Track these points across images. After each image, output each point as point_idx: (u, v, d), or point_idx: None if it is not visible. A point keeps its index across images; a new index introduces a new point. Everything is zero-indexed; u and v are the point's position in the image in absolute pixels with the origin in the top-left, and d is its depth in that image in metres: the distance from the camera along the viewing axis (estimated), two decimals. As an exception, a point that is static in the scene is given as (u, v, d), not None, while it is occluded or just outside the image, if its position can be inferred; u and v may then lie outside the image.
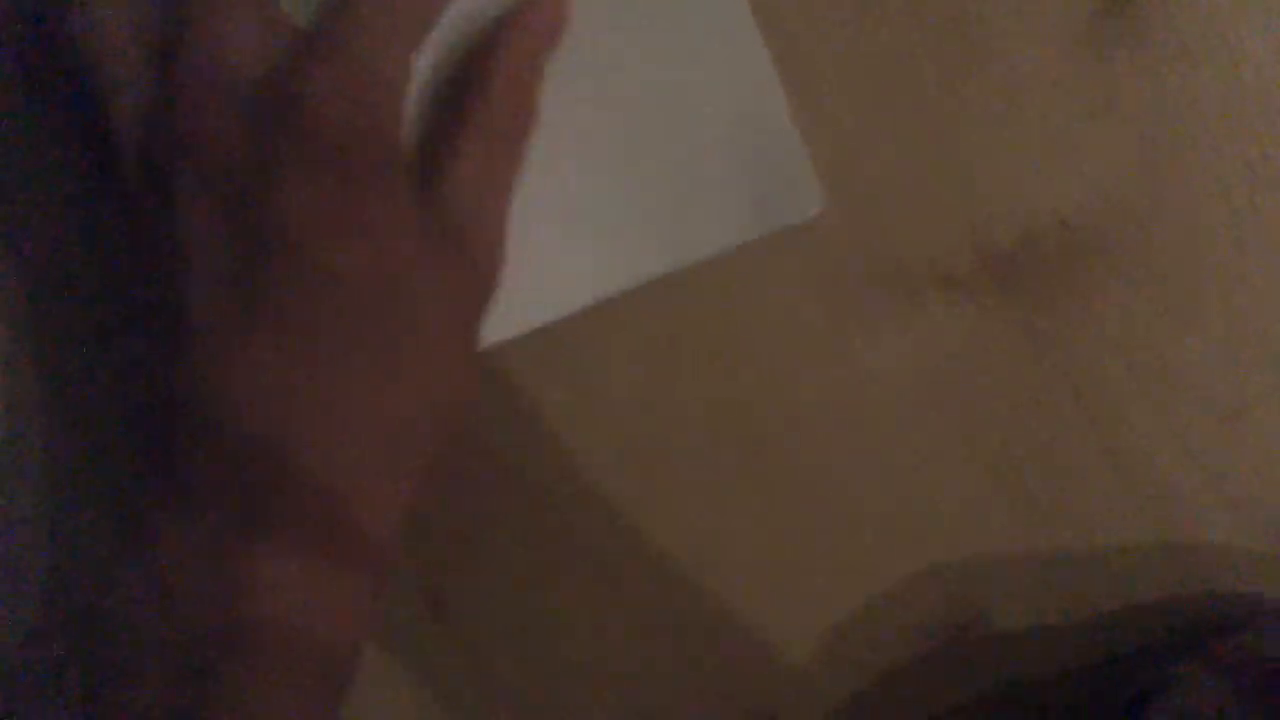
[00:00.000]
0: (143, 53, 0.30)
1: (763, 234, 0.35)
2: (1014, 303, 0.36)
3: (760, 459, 0.37)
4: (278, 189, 0.29)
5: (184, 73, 0.30)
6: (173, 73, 0.30)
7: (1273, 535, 0.38)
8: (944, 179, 0.36)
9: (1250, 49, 0.35)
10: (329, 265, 0.30)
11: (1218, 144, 0.35)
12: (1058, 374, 0.37)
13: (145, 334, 0.32)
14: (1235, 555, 0.38)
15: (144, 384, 0.32)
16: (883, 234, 0.36)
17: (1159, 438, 0.37)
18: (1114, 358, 0.36)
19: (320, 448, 0.30)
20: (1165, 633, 0.38)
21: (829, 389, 0.37)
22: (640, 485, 0.37)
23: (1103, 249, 0.36)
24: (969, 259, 0.36)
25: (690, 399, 0.37)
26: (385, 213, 0.31)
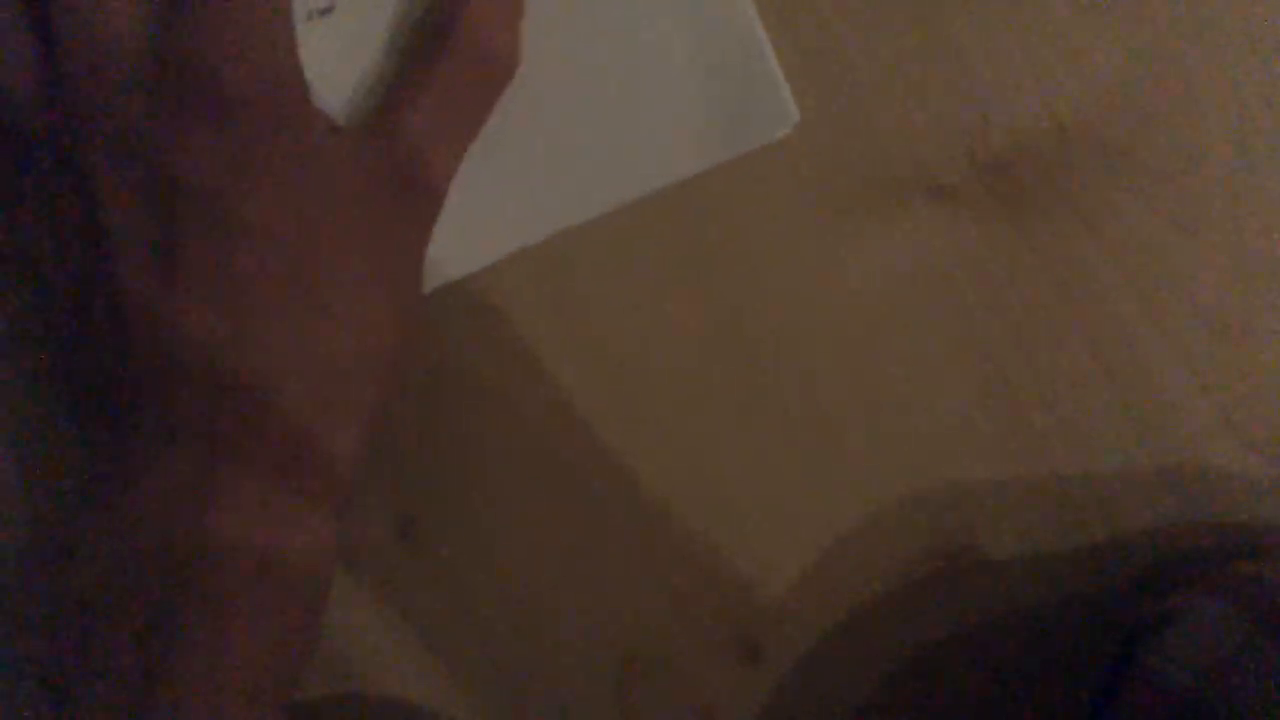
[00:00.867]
0: (19, 32, 0.31)
1: (734, 154, 0.34)
2: (1008, 211, 0.35)
3: (746, 378, 0.36)
4: (182, 150, 0.30)
5: (70, 49, 0.30)
6: (59, 51, 0.30)
7: (1278, 460, 0.36)
8: (934, 79, 0.34)
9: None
10: (243, 217, 0.30)
11: (1227, 38, 0.34)
12: (1053, 286, 0.35)
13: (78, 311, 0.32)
14: (1238, 480, 0.36)
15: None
16: (869, 139, 0.34)
17: (1159, 355, 0.35)
18: (1112, 269, 0.35)
19: (265, 389, 0.31)
20: (1164, 562, 0.36)
21: (816, 303, 0.35)
22: (621, 407, 0.36)
23: (1101, 153, 0.34)
24: (961, 165, 0.34)
25: (674, 316, 0.36)
26: (293, 160, 0.31)
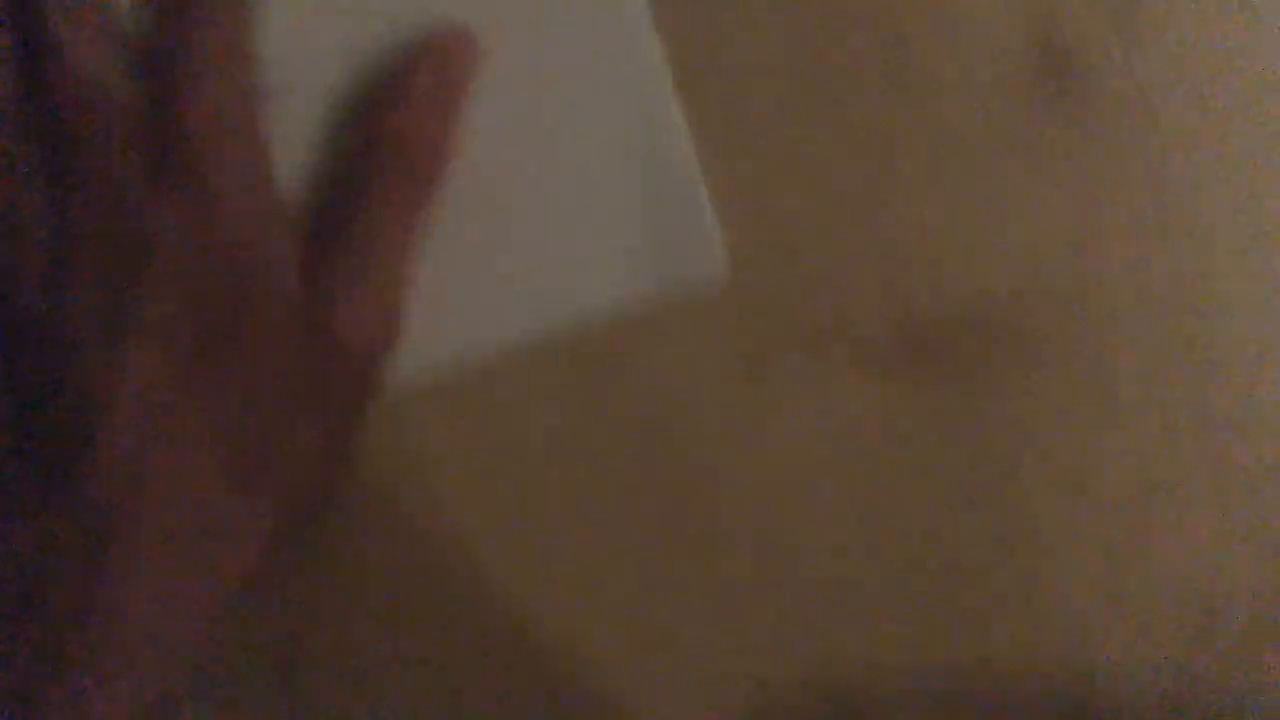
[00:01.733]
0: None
1: (654, 291, 0.34)
2: (928, 382, 0.35)
3: (652, 535, 0.35)
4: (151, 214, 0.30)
5: (60, 88, 0.30)
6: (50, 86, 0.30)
7: (1166, 675, 0.36)
8: (864, 244, 0.35)
9: (1183, 126, 0.35)
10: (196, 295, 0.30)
11: (1144, 227, 0.35)
12: (967, 463, 0.35)
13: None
14: (1129, 688, 0.35)
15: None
16: (796, 298, 0.34)
17: (1064, 545, 0.35)
18: (1027, 450, 0.35)
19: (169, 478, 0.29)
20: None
21: (735, 457, 0.35)
22: (522, 555, 0.35)
23: (1023, 330, 0.35)
24: (886, 331, 0.34)
25: (583, 464, 0.35)
26: (267, 278, 0.30)
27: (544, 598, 0.34)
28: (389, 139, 0.32)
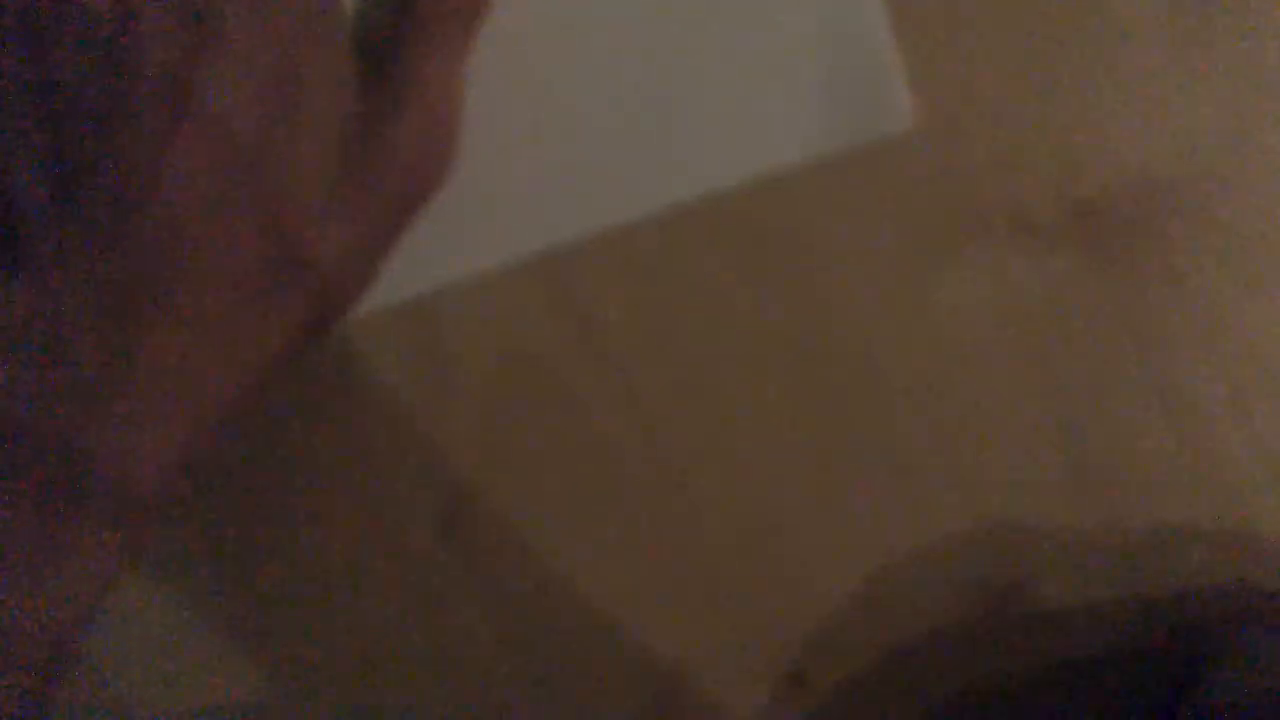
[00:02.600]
0: None
1: (843, 147, 0.34)
2: (1092, 256, 0.35)
3: (812, 398, 0.36)
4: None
5: None
6: None
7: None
8: (1036, 120, 0.35)
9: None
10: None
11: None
12: (1128, 334, 0.35)
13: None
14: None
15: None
16: (967, 170, 0.35)
17: (1224, 413, 0.35)
18: (1187, 323, 0.35)
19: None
20: (1218, 615, 0.36)
21: (893, 324, 0.35)
22: (684, 419, 0.36)
23: (1185, 209, 0.35)
24: (1051, 205, 0.35)
25: (745, 330, 0.35)
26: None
27: (701, 468, 0.36)
28: None
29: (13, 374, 0.29)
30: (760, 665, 0.36)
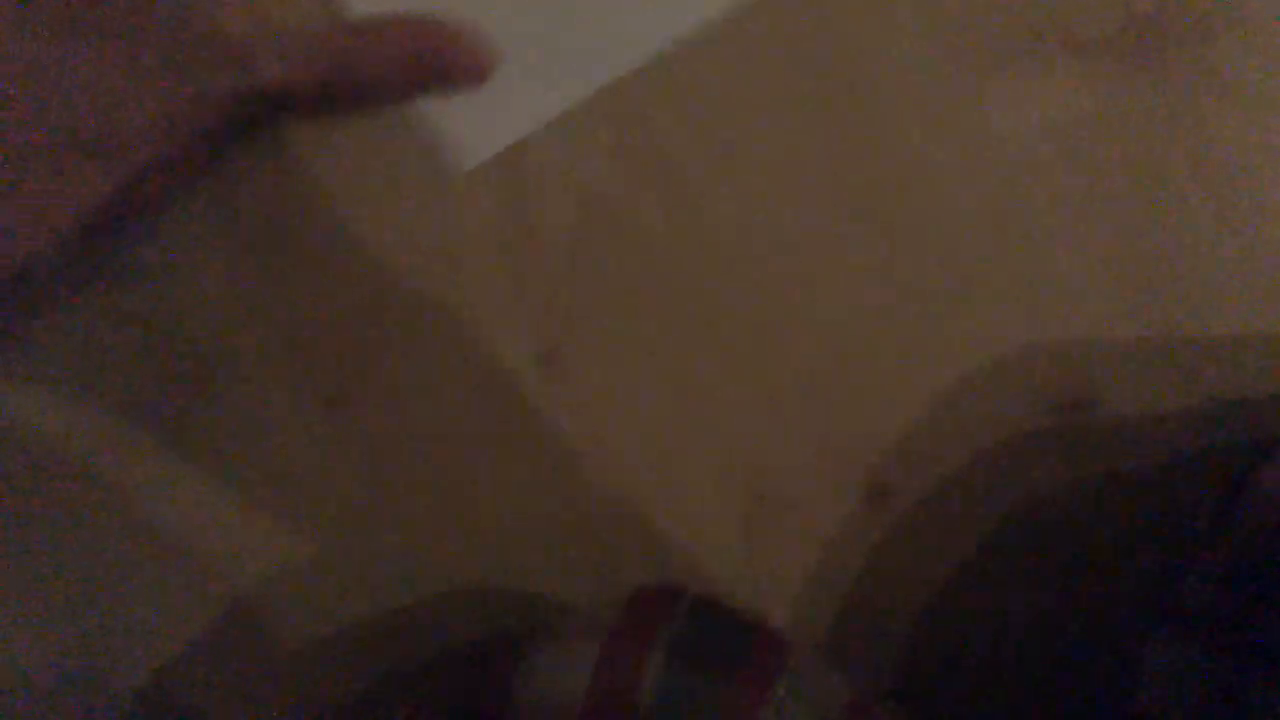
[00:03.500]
0: None
1: None
2: (1147, 70, 0.36)
3: (877, 219, 0.37)
4: None
5: None
6: None
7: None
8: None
9: None
10: None
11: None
12: (1179, 144, 0.37)
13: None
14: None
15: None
16: None
17: (1278, 217, 0.37)
18: (1245, 135, 0.36)
19: None
20: (1274, 424, 0.38)
21: (951, 144, 0.37)
22: (761, 247, 0.37)
23: (1240, 19, 0.36)
24: (1106, 20, 0.36)
25: (809, 147, 0.37)
26: None
27: (779, 295, 0.38)
28: None
29: None
30: (845, 479, 0.38)
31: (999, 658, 0.38)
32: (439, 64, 0.35)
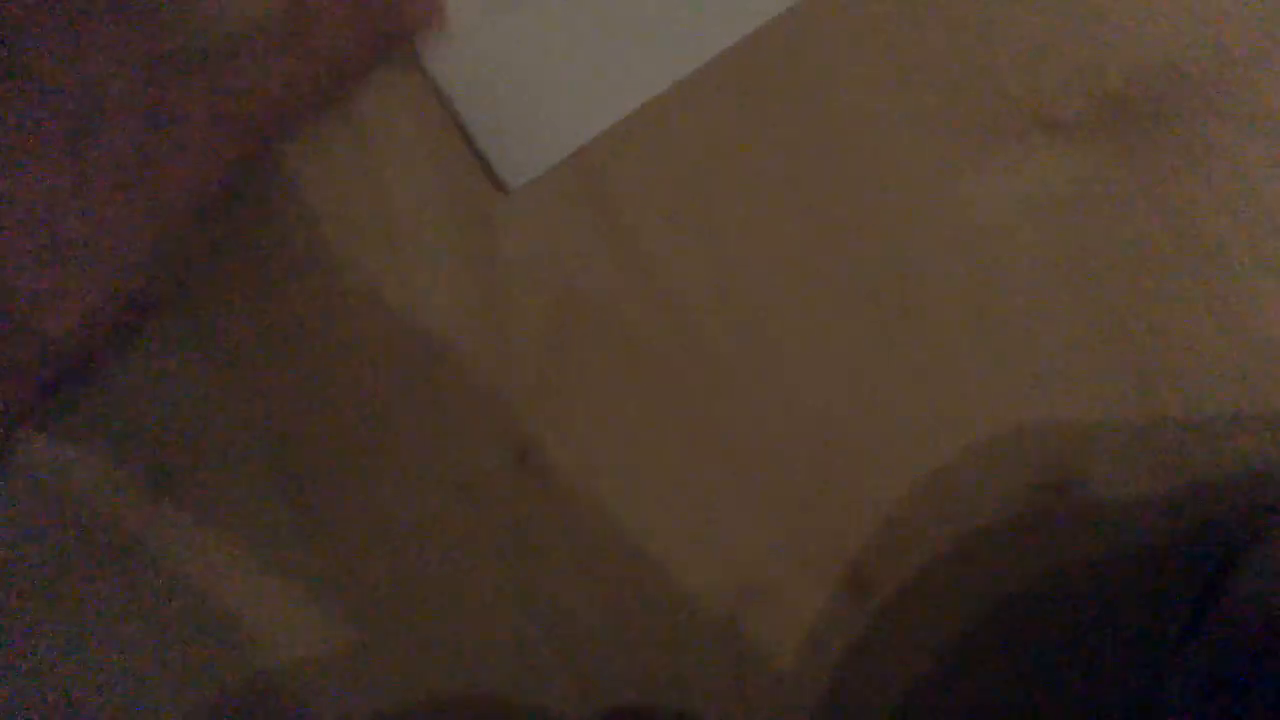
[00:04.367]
0: None
1: None
2: (1121, 147, 0.36)
3: (856, 299, 0.37)
4: None
5: None
6: None
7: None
8: (1056, 15, 0.36)
9: None
10: None
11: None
12: (1163, 223, 0.36)
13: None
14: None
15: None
16: (991, 70, 0.36)
17: (1265, 295, 0.36)
18: (1220, 208, 0.36)
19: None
20: (1264, 503, 0.37)
21: (932, 226, 0.36)
22: (736, 330, 0.37)
23: (1211, 95, 0.36)
24: (1078, 100, 0.36)
25: (787, 232, 0.37)
26: None
27: (757, 381, 0.37)
28: None
29: None
30: (825, 570, 0.37)
31: (987, 750, 0.38)
32: (387, 17, 0.34)
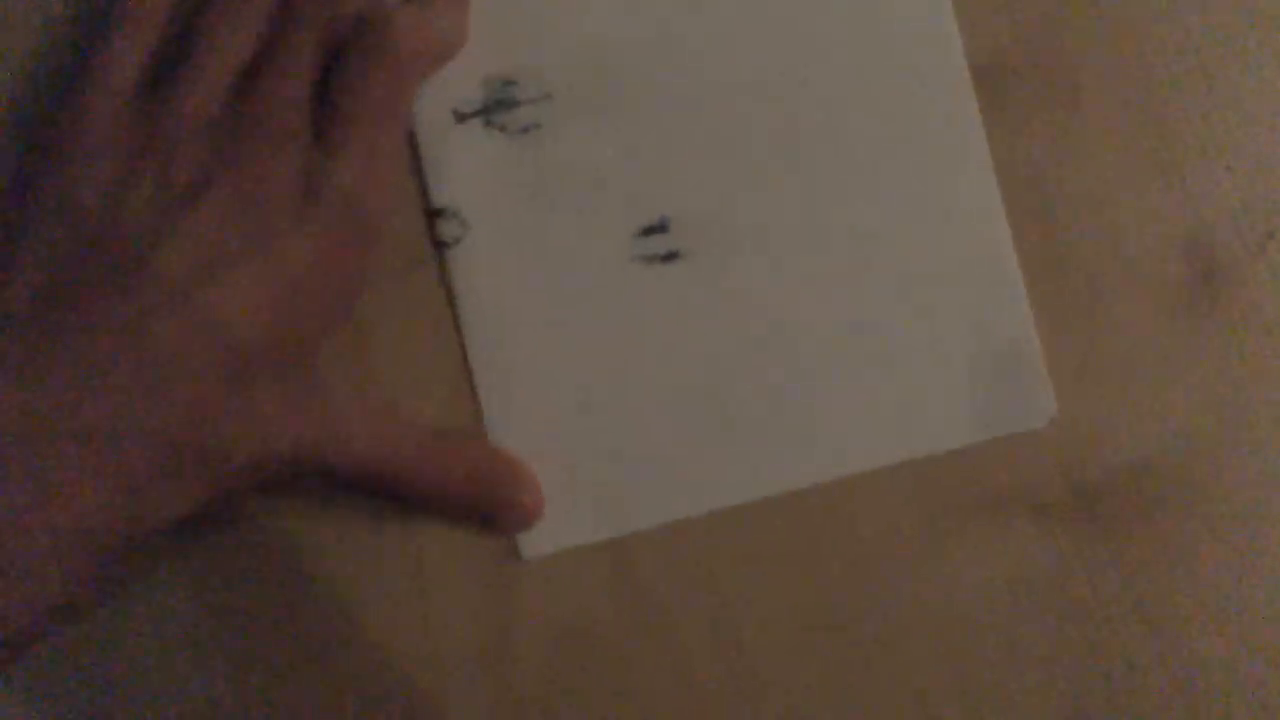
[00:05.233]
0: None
1: (988, 436, 0.37)
2: (1095, 534, 0.38)
3: (846, 670, 0.38)
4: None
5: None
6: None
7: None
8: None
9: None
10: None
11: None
12: (1135, 610, 0.38)
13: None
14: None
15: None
16: (978, 452, 0.38)
17: (1232, 686, 0.38)
18: (1189, 594, 0.38)
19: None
20: None
21: (914, 597, 0.38)
22: (736, 677, 0.38)
23: (1182, 491, 0.38)
24: (1059, 487, 0.38)
25: (780, 599, 0.38)
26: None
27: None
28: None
29: None
30: None
31: None
32: (493, 501, 0.36)
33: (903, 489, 0.38)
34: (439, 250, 0.38)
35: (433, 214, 0.37)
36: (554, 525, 0.37)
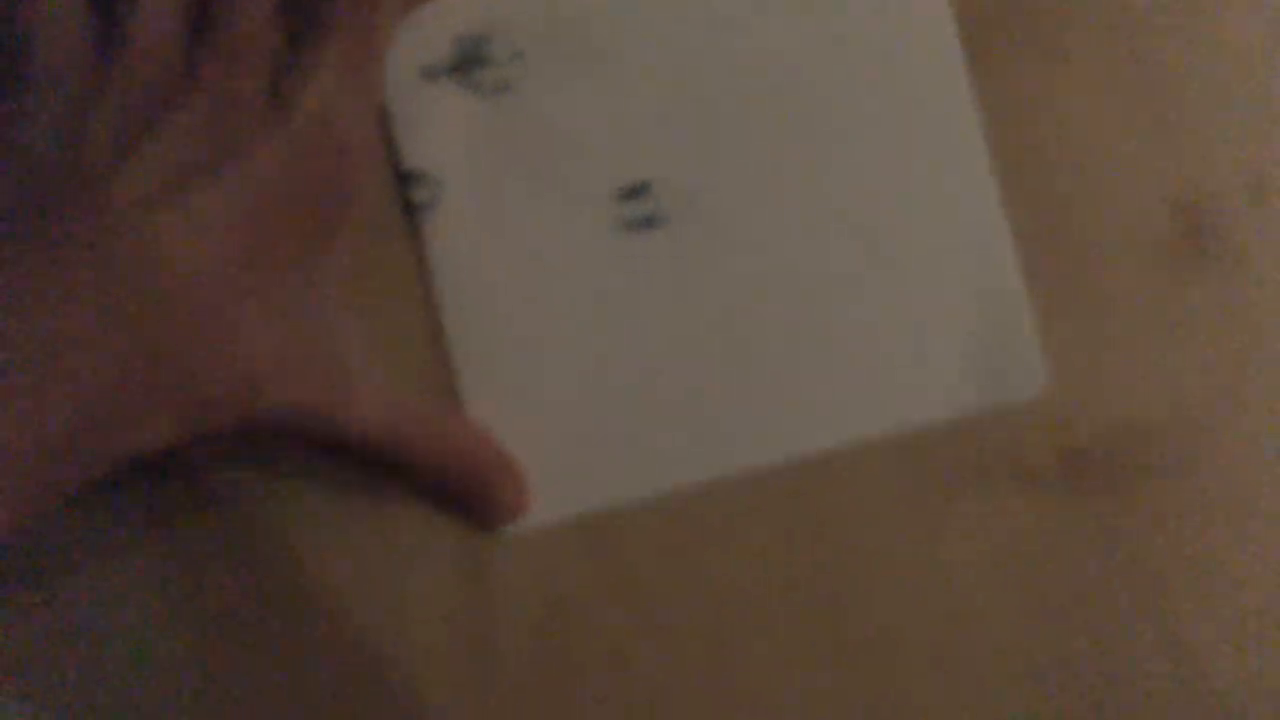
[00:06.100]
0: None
1: (978, 409, 0.36)
2: (1083, 500, 0.37)
3: (833, 652, 0.37)
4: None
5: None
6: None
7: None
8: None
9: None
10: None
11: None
12: (1121, 578, 0.37)
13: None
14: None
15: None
16: (968, 430, 0.37)
17: (1222, 651, 0.37)
18: (1180, 565, 0.37)
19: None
20: None
21: (900, 577, 0.37)
22: (721, 658, 0.37)
23: (1171, 456, 0.37)
24: (1046, 453, 0.37)
25: (766, 573, 0.37)
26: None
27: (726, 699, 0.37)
28: None
29: None
30: None
31: None
32: (482, 491, 0.36)
33: (890, 460, 0.37)
34: (411, 215, 0.37)
35: (404, 177, 0.36)
36: (534, 500, 0.36)
